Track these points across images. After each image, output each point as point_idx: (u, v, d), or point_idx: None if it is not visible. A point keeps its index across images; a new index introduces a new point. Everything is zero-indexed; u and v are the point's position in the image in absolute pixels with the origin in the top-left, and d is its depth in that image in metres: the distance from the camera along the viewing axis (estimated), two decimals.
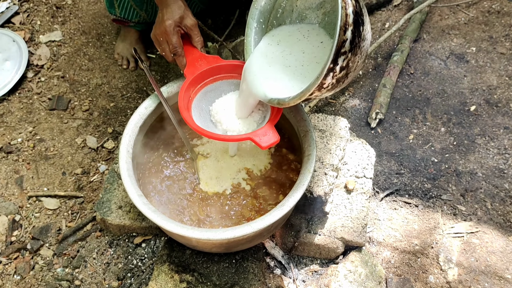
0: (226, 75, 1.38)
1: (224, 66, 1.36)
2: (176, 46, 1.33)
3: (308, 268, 1.54)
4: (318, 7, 1.26)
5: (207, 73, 1.36)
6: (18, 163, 1.82)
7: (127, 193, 1.21)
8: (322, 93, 1.09)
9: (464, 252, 1.59)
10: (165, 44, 1.35)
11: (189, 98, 1.33)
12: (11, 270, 1.58)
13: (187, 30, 1.36)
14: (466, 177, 1.75)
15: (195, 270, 1.37)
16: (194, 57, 1.36)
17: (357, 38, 1.00)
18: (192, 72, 1.34)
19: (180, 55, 1.34)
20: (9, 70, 2.03)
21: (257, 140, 1.19)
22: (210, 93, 1.37)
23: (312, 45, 1.23)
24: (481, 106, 1.92)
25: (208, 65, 1.35)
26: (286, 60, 1.22)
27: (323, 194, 1.45)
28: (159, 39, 1.35)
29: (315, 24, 1.28)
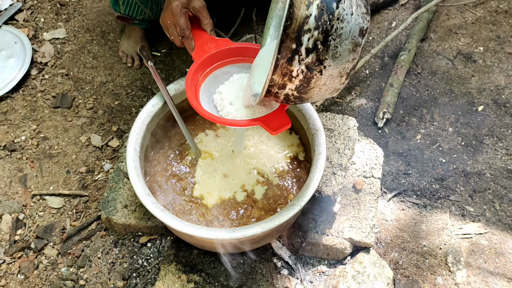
0: (237, 59, 1.33)
1: (235, 49, 1.31)
2: (183, 28, 1.28)
3: (315, 268, 1.52)
4: None
5: (216, 56, 1.30)
6: (22, 161, 1.80)
7: (135, 191, 1.20)
8: (295, 85, 0.94)
9: (472, 253, 1.58)
10: (172, 28, 1.30)
11: (197, 82, 1.28)
12: (15, 270, 1.56)
13: (195, 12, 1.31)
14: (474, 177, 1.74)
15: (202, 270, 1.36)
16: (203, 40, 1.31)
17: (328, 15, 0.87)
18: (200, 56, 1.29)
19: (188, 38, 1.30)
20: (13, 68, 2.02)
21: (267, 125, 1.12)
22: (220, 78, 1.32)
23: None
24: (489, 106, 1.90)
25: (217, 48, 1.30)
26: None
27: (332, 194, 1.44)
28: (167, 23, 1.31)
29: None
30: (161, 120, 1.41)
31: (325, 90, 0.99)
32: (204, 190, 1.36)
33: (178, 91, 1.41)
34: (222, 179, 1.39)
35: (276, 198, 1.35)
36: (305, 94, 0.98)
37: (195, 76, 1.27)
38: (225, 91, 1.27)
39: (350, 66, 0.96)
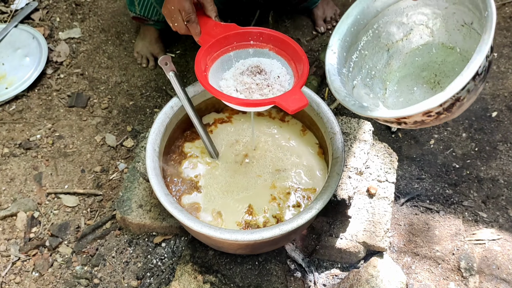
0: (245, 44, 1.30)
1: (242, 33, 1.29)
2: (189, 12, 1.25)
3: (328, 272, 1.52)
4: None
5: (224, 41, 1.28)
6: (37, 159, 1.82)
7: (154, 192, 1.21)
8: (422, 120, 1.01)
9: (485, 259, 1.58)
10: (176, 13, 1.27)
11: (206, 66, 1.25)
12: (30, 267, 1.58)
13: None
14: (488, 183, 1.74)
15: (218, 271, 1.36)
16: (209, 26, 1.29)
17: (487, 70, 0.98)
18: (207, 40, 1.26)
19: (194, 22, 1.27)
20: (29, 66, 2.03)
21: (283, 104, 1.08)
22: (228, 62, 1.30)
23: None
24: (502, 112, 1.90)
25: (224, 32, 1.27)
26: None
27: (347, 198, 1.44)
28: (171, 8, 1.27)
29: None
30: (179, 121, 1.42)
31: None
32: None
33: (197, 93, 1.42)
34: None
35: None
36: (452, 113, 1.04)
37: (204, 60, 1.24)
38: (229, 77, 1.26)
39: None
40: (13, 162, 1.81)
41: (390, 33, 1.24)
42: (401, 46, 1.25)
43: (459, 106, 1.00)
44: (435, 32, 1.22)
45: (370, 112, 1.03)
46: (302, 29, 2.19)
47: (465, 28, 1.16)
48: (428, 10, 1.19)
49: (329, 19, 2.18)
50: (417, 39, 1.24)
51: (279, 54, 1.29)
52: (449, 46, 1.21)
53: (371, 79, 1.22)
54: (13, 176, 1.77)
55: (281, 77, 1.24)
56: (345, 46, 1.17)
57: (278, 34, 1.28)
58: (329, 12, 2.18)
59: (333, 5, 2.20)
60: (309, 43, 2.14)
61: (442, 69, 1.20)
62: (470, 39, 1.15)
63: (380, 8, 1.19)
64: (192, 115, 1.34)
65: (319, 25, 2.17)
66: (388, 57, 1.25)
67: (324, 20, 2.18)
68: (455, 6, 1.15)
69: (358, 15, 1.19)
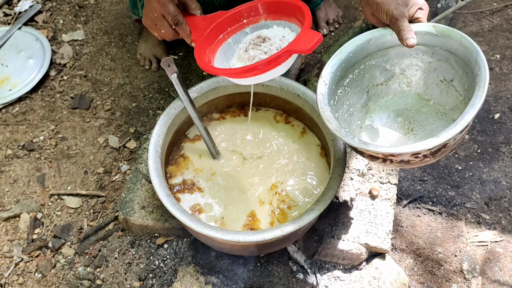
0: (239, 25, 1.26)
1: (232, 16, 1.25)
2: (175, 14, 1.21)
3: (330, 273, 1.52)
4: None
5: (217, 30, 1.23)
6: (40, 161, 1.82)
7: (156, 193, 1.21)
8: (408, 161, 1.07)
9: (488, 261, 1.58)
10: (161, 19, 1.22)
11: (209, 59, 1.21)
12: (33, 268, 1.58)
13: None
14: (490, 185, 1.74)
15: (220, 272, 1.37)
16: (197, 23, 1.25)
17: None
18: (200, 35, 1.22)
19: (182, 23, 1.23)
20: (32, 68, 2.04)
21: (298, 47, 1.02)
22: (229, 49, 1.26)
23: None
24: (505, 114, 1.90)
25: (214, 22, 1.22)
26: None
27: (349, 199, 1.45)
28: (153, 17, 1.22)
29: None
30: (182, 122, 1.43)
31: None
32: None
33: (199, 94, 1.42)
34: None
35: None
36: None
37: (204, 53, 1.20)
38: (236, 60, 1.22)
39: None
40: (17, 164, 1.82)
41: (372, 76, 1.28)
42: (379, 90, 1.30)
43: (443, 152, 1.07)
44: (413, 83, 1.28)
45: (363, 145, 1.07)
46: None
47: (443, 84, 1.23)
48: (412, 61, 1.25)
49: (331, 21, 2.18)
50: (396, 86, 1.30)
51: (277, 19, 1.23)
52: (424, 98, 1.27)
53: (350, 116, 1.27)
54: (17, 177, 1.78)
55: (286, 35, 1.19)
56: (335, 79, 1.21)
57: (264, 0, 1.23)
58: (332, 14, 2.18)
59: (336, 7, 2.20)
60: None
61: (416, 118, 1.26)
62: (447, 95, 1.23)
63: (372, 51, 1.24)
64: (194, 116, 1.34)
65: (322, 27, 2.17)
66: (367, 98, 1.30)
67: (326, 22, 2.18)
68: (439, 62, 1.20)
69: (351, 53, 1.22)
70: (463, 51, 1.11)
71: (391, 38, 1.21)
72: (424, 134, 1.23)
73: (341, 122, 1.20)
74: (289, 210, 1.35)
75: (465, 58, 1.11)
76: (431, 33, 1.16)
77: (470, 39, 1.10)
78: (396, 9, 1.15)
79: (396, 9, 1.15)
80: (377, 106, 1.31)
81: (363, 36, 1.23)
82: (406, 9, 1.15)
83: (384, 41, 1.22)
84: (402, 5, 1.15)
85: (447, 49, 1.17)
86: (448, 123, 1.20)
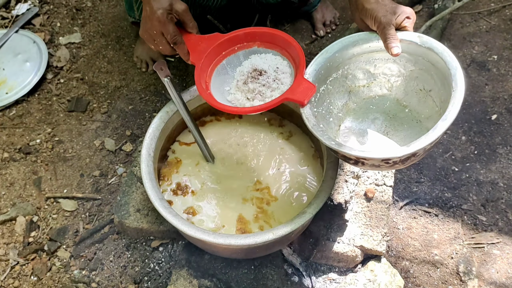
0: (233, 49, 1.31)
1: (228, 40, 1.29)
2: (174, 34, 1.25)
3: (326, 276, 1.52)
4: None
5: (213, 53, 1.28)
6: (36, 164, 1.83)
7: (149, 196, 1.21)
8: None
9: (484, 263, 1.57)
10: (160, 37, 1.25)
11: (206, 83, 1.26)
12: (28, 271, 1.58)
13: (179, 16, 1.27)
14: (487, 187, 1.73)
15: (213, 276, 1.37)
16: (193, 42, 1.28)
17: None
18: (198, 57, 1.26)
19: (181, 43, 1.27)
20: (29, 71, 2.05)
21: (294, 98, 1.12)
22: (222, 71, 1.31)
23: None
24: (502, 115, 1.89)
25: (212, 44, 1.28)
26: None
27: (344, 202, 1.44)
28: (152, 33, 1.26)
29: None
30: (175, 125, 1.43)
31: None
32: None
33: (193, 97, 1.42)
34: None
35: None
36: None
37: (203, 77, 1.25)
38: (235, 91, 1.27)
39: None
40: (13, 167, 1.82)
41: (355, 77, 1.31)
42: (361, 91, 1.33)
43: (413, 160, 1.12)
44: (393, 88, 1.30)
45: (336, 146, 1.11)
46: (302, 33, 2.19)
47: (422, 93, 1.26)
48: (395, 67, 1.27)
49: (328, 23, 2.18)
50: (377, 89, 1.32)
51: (268, 48, 1.29)
52: (403, 104, 1.30)
53: (329, 114, 1.29)
54: (13, 180, 1.78)
55: (280, 66, 1.26)
56: (318, 77, 1.23)
57: (260, 29, 1.29)
58: (329, 16, 2.18)
59: (332, 9, 2.20)
60: (308, 46, 2.14)
61: (393, 122, 1.29)
62: (424, 104, 1.26)
63: (357, 53, 1.26)
64: (188, 119, 1.34)
65: (319, 29, 2.17)
66: (348, 98, 1.33)
67: (323, 23, 2.18)
68: (420, 71, 1.23)
69: (337, 53, 1.25)
70: (443, 65, 1.14)
71: (377, 43, 1.23)
72: (397, 139, 1.27)
73: (320, 119, 1.23)
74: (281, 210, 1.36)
75: (444, 72, 1.14)
76: (416, 43, 1.18)
77: (452, 54, 1.13)
78: (384, 16, 1.17)
79: (384, 16, 1.17)
80: (356, 106, 1.33)
81: (350, 37, 1.25)
82: (394, 17, 1.17)
83: (370, 45, 1.24)
84: (391, 13, 1.17)
85: (429, 60, 1.19)
86: (421, 131, 1.23)
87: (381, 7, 1.18)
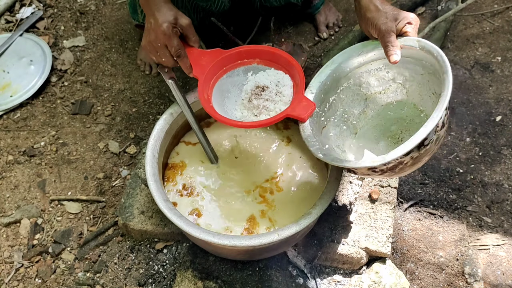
0: (233, 65, 1.36)
1: (229, 56, 1.34)
2: (179, 48, 1.27)
3: (331, 278, 1.51)
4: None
5: (215, 69, 1.32)
6: (40, 166, 1.83)
7: (153, 198, 1.21)
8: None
9: (490, 265, 1.56)
10: (163, 50, 1.28)
11: (208, 96, 1.30)
12: (33, 273, 1.58)
13: (183, 30, 1.30)
14: (492, 188, 1.72)
15: (218, 277, 1.36)
16: (196, 56, 1.32)
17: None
18: (200, 71, 1.30)
19: (184, 57, 1.29)
20: (33, 74, 2.05)
21: (295, 114, 1.19)
22: (223, 87, 1.34)
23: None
24: (507, 116, 1.89)
25: (214, 59, 1.32)
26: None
27: (348, 203, 1.44)
28: (156, 45, 1.28)
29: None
30: (179, 127, 1.43)
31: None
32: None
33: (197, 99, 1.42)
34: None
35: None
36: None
37: (205, 91, 1.30)
38: (242, 109, 1.31)
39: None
40: (17, 169, 1.82)
41: (369, 84, 1.33)
42: (378, 98, 1.34)
43: (402, 169, 1.11)
44: (410, 93, 1.31)
45: (323, 156, 1.15)
46: (305, 35, 2.19)
47: (434, 97, 1.26)
48: (407, 72, 1.29)
49: (331, 25, 2.18)
50: (394, 95, 1.34)
51: (267, 65, 1.34)
52: (419, 108, 1.30)
53: (344, 122, 1.32)
54: (17, 183, 1.79)
55: (280, 80, 1.30)
56: (324, 88, 1.28)
57: (262, 48, 1.34)
58: (332, 18, 2.18)
59: (335, 11, 2.20)
60: (312, 48, 2.15)
61: (408, 128, 1.31)
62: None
63: (363, 61, 1.29)
64: (192, 121, 1.34)
65: (322, 31, 2.17)
66: (365, 105, 1.35)
67: (326, 26, 2.18)
68: (429, 75, 1.24)
69: (342, 63, 1.29)
70: (438, 67, 1.14)
71: (381, 50, 1.24)
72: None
73: (331, 129, 1.27)
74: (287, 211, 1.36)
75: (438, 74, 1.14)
76: (415, 47, 1.19)
77: (445, 56, 1.12)
78: (384, 24, 1.18)
79: (384, 24, 1.18)
80: (375, 113, 1.34)
81: (354, 47, 1.29)
82: (394, 24, 1.19)
83: (375, 53, 1.27)
84: (391, 20, 1.19)
85: (431, 64, 1.20)
86: None
87: (381, 15, 1.20)
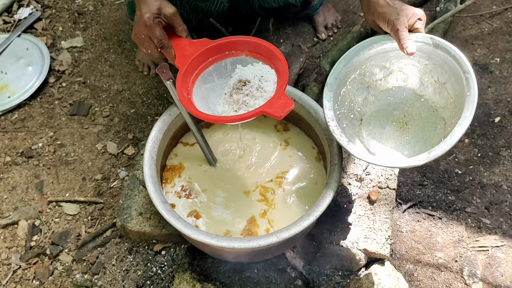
0: (221, 55, 1.31)
1: (216, 46, 1.29)
2: (161, 38, 1.24)
3: (329, 279, 1.51)
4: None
5: (200, 58, 1.28)
6: (38, 168, 1.82)
7: (151, 199, 1.20)
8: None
9: (489, 266, 1.56)
10: (148, 41, 1.25)
11: (187, 88, 1.25)
12: (30, 275, 1.58)
13: (168, 20, 1.27)
14: (491, 189, 1.72)
15: (217, 279, 1.36)
16: (182, 46, 1.28)
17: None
18: (184, 62, 1.25)
19: (167, 47, 1.26)
20: (31, 75, 2.05)
21: (270, 111, 1.09)
22: (208, 78, 1.30)
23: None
24: (505, 118, 1.89)
25: (199, 50, 1.27)
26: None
27: (347, 205, 1.44)
28: (141, 37, 1.26)
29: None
30: (178, 128, 1.43)
31: None
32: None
33: None
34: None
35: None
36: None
37: (185, 82, 1.25)
38: (224, 104, 1.26)
39: None
40: (15, 171, 1.82)
41: (372, 73, 1.36)
42: (378, 85, 1.38)
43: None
44: (409, 79, 1.35)
45: (353, 151, 1.20)
46: (304, 36, 2.19)
47: (437, 84, 1.30)
48: (409, 61, 1.32)
49: (330, 26, 2.18)
50: (393, 81, 1.37)
51: (256, 58, 1.29)
52: (419, 93, 1.35)
53: (351, 111, 1.35)
54: (15, 184, 1.78)
55: (264, 75, 1.25)
56: (338, 83, 1.30)
57: (249, 39, 1.28)
58: (330, 19, 2.18)
59: (334, 12, 2.20)
60: (310, 49, 2.14)
61: (410, 112, 1.35)
62: (439, 94, 1.31)
63: (372, 54, 1.32)
64: (190, 122, 1.34)
65: (320, 32, 2.17)
66: (367, 92, 1.38)
67: (325, 26, 2.18)
68: (434, 65, 1.29)
69: (353, 58, 1.31)
70: (455, 66, 1.20)
71: (391, 44, 1.28)
72: (417, 129, 1.32)
73: (343, 120, 1.29)
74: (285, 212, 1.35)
75: (457, 72, 1.19)
76: (428, 43, 1.23)
77: (464, 57, 1.18)
78: (397, 19, 1.22)
79: (396, 19, 1.22)
80: (376, 99, 1.37)
81: (365, 42, 1.31)
82: (406, 19, 1.22)
83: (385, 46, 1.30)
84: (403, 15, 1.22)
85: (442, 58, 1.24)
86: (437, 120, 1.30)
87: (393, 10, 1.23)
